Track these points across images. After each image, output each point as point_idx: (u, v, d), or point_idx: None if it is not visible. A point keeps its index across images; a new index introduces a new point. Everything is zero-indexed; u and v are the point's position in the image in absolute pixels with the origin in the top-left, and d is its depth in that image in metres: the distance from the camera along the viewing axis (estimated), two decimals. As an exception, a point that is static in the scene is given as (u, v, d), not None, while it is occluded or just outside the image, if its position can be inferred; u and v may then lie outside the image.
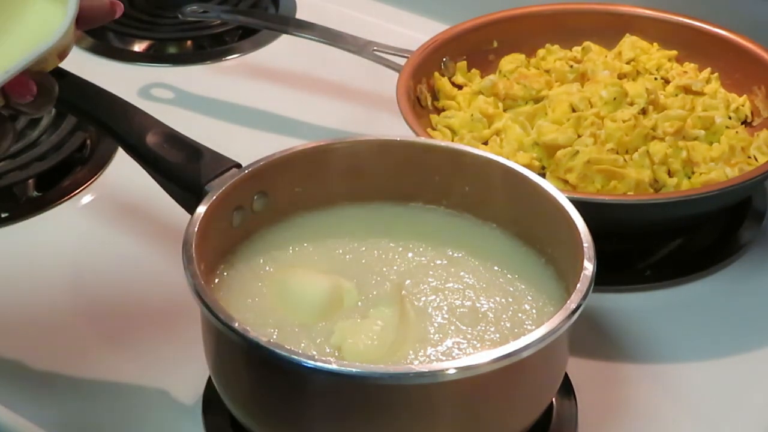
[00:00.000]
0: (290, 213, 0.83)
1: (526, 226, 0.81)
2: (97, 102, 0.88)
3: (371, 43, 1.09)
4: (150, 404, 0.81)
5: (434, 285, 0.78)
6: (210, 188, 0.78)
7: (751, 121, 1.03)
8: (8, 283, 0.92)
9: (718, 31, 1.06)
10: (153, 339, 0.87)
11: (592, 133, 0.95)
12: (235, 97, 1.16)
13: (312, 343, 0.72)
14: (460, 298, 0.77)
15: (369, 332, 0.72)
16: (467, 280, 0.78)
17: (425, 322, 0.75)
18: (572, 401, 0.80)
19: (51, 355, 0.85)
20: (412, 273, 0.79)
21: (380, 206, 0.84)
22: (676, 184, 0.93)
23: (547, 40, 1.09)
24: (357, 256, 0.80)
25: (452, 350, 0.72)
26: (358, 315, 0.74)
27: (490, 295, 0.77)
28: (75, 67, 0.92)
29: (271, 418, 0.71)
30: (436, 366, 0.68)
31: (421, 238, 0.82)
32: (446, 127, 1.01)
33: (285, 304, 0.75)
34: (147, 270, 0.93)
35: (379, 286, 0.77)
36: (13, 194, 1.01)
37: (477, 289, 0.78)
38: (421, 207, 0.85)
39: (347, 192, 0.84)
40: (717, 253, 0.94)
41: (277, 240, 0.81)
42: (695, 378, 0.83)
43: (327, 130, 1.10)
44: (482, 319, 0.75)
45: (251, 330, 0.68)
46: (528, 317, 0.75)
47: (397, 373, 0.66)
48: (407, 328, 0.73)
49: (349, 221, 0.83)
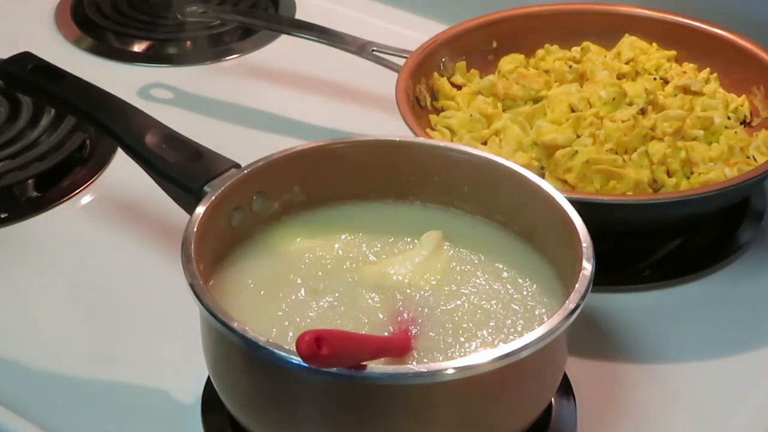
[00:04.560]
0: (289, 213, 0.83)
1: (525, 226, 0.81)
2: (97, 102, 0.88)
3: (370, 43, 1.09)
4: (149, 404, 0.81)
5: (433, 284, 0.78)
6: (209, 188, 0.79)
7: (750, 121, 1.03)
8: (8, 283, 0.93)
9: (717, 32, 1.06)
10: (152, 339, 0.87)
11: (591, 133, 0.95)
12: (234, 98, 1.16)
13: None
14: (459, 297, 0.77)
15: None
16: (467, 279, 0.78)
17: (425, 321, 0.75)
18: (571, 401, 0.80)
19: (51, 355, 0.85)
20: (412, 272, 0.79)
21: (379, 206, 0.85)
22: (675, 184, 0.93)
23: (546, 40, 1.09)
24: (357, 256, 0.80)
25: (451, 349, 0.73)
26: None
27: (489, 295, 0.77)
28: (74, 68, 0.93)
29: (270, 418, 0.71)
30: (435, 366, 0.68)
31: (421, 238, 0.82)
32: (445, 128, 1.01)
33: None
34: (146, 270, 0.93)
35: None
36: (13, 194, 1.01)
37: (476, 288, 0.78)
38: (420, 207, 0.85)
39: (346, 192, 0.84)
40: (716, 253, 0.94)
41: (276, 240, 0.81)
42: (694, 378, 0.84)
43: (326, 130, 1.10)
44: (481, 318, 0.75)
45: (250, 330, 0.68)
46: (527, 317, 0.75)
47: (396, 373, 0.66)
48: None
49: (348, 221, 0.83)
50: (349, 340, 0.67)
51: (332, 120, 1.12)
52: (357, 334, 0.72)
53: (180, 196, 0.81)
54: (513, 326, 0.75)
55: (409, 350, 0.72)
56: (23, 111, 1.09)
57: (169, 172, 0.81)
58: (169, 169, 0.82)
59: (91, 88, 0.90)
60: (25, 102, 1.10)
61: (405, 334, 0.73)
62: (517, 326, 0.75)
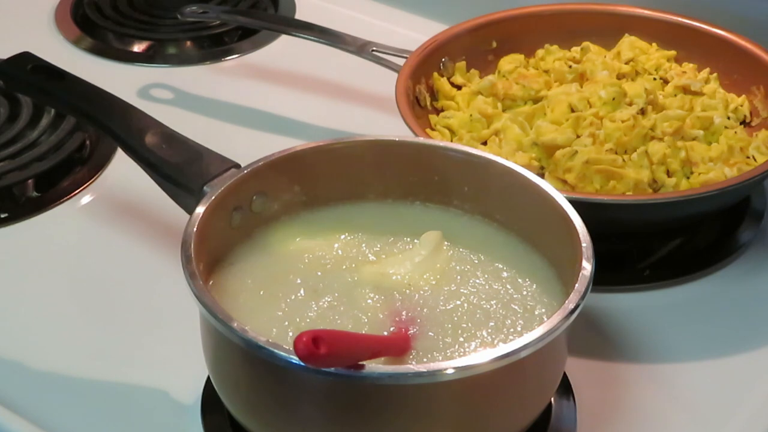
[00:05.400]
0: (289, 213, 0.83)
1: (525, 226, 0.81)
2: (97, 103, 0.88)
3: (370, 43, 1.09)
4: (149, 404, 0.81)
5: (433, 284, 0.78)
6: (209, 189, 0.79)
7: (750, 121, 1.03)
8: (8, 283, 0.93)
9: (716, 31, 1.06)
10: (152, 339, 0.87)
11: (591, 133, 0.95)
12: (234, 98, 1.16)
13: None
14: (458, 296, 0.77)
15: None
16: (466, 279, 0.78)
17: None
18: (571, 401, 0.80)
19: (51, 355, 0.85)
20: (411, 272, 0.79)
21: (379, 206, 0.85)
22: (675, 184, 0.93)
23: (546, 40, 1.09)
24: (357, 256, 0.80)
25: (450, 349, 0.73)
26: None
27: (489, 294, 0.77)
28: (74, 68, 0.93)
29: (270, 418, 0.71)
30: (435, 366, 0.68)
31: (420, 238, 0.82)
32: (445, 128, 1.01)
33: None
34: (146, 270, 0.93)
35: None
36: (13, 194, 1.01)
37: (476, 288, 0.78)
38: (420, 207, 0.85)
39: (346, 192, 0.84)
40: (716, 253, 0.94)
41: (275, 240, 0.82)
42: (694, 378, 0.83)
43: (326, 130, 1.10)
44: (480, 318, 0.75)
45: (250, 330, 0.68)
46: (527, 317, 0.75)
47: (396, 373, 0.66)
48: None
49: (348, 221, 0.83)
50: (347, 340, 0.67)
51: (332, 120, 1.12)
52: (355, 334, 0.72)
53: (180, 196, 0.81)
54: (512, 326, 0.75)
55: (408, 350, 0.72)
56: (23, 111, 1.09)
57: (169, 172, 0.81)
58: (169, 169, 0.82)
59: (91, 88, 0.90)
60: (25, 102, 1.10)
61: (404, 333, 0.73)
62: (517, 326, 0.75)
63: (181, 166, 0.81)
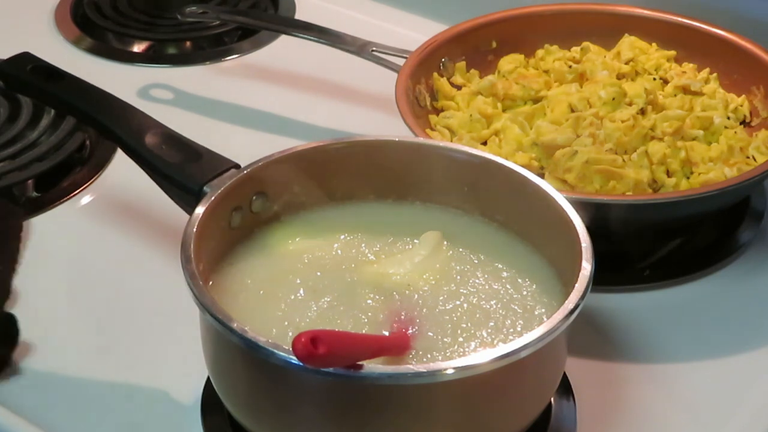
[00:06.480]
0: (289, 213, 0.83)
1: (525, 226, 0.81)
2: (96, 103, 0.88)
3: (370, 43, 1.09)
4: (149, 404, 0.81)
5: (433, 284, 0.78)
6: (209, 189, 0.79)
7: (750, 121, 1.03)
8: (8, 284, 0.93)
9: (716, 31, 1.06)
10: (152, 339, 0.87)
11: (590, 133, 0.95)
12: (234, 98, 1.16)
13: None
14: (458, 296, 0.77)
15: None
16: (466, 279, 0.78)
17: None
18: (571, 401, 0.80)
19: (51, 355, 0.85)
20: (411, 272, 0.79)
21: (379, 206, 0.85)
22: (675, 184, 0.93)
23: (545, 40, 1.09)
24: (356, 256, 0.80)
25: (450, 349, 0.72)
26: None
27: (489, 295, 0.77)
28: (74, 68, 0.93)
29: (270, 418, 0.71)
30: (435, 366, 0.68)
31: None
32: (445, 128, 1.01)
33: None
34: (146, 270, 0.93)
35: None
36: (13, 194, 1.01)
37: (476, 287, 0.78)
38: (420, 207, 0.85)
39: (346, 192, 0.84)
40: (716, 253, 0.94)
41: (275, 240, 0.81)
42: (694, 378, 0.83)
43: (325, 130, 1.10)
44: (481, 318, 0.75)
45: (249, 330, 0.68)
46: (526, 317, 0.75)
47: (396, 373, 0.66)
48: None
49: (347, 221, 0.83)
50: (346, 340, 0.67)
51: (332, 120, 1.12)
52: (354, 334, 0.72)
53: (180, 197, 0.81)
54: (512, 326, 0.75)
55: (408, 350, 0.72)
56: (23, 111, 1.09)
57: (169, 173, 0.81)
58: (169, 170, 0.82)
59: (91, 88, 0.90)
60: (25, 102, 1.10)
61: (404, 333, 0.73)
62: (517, 326, 0.75)
63: (180, 166, 0.81)
